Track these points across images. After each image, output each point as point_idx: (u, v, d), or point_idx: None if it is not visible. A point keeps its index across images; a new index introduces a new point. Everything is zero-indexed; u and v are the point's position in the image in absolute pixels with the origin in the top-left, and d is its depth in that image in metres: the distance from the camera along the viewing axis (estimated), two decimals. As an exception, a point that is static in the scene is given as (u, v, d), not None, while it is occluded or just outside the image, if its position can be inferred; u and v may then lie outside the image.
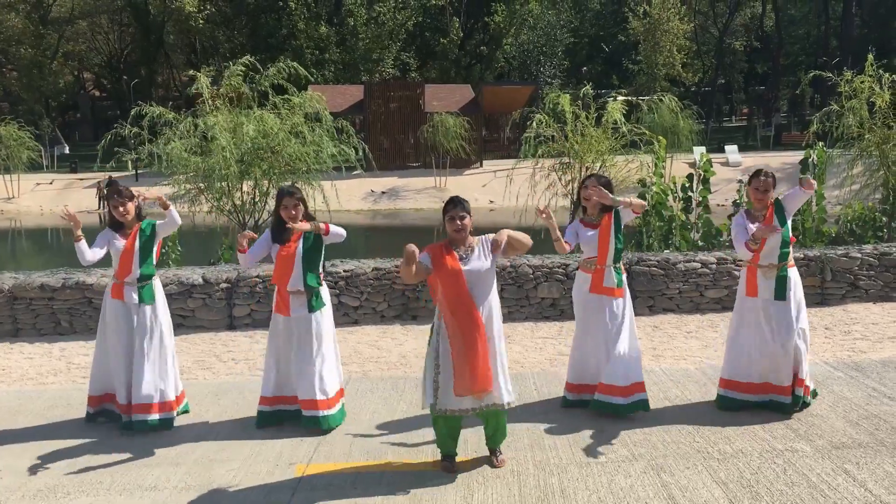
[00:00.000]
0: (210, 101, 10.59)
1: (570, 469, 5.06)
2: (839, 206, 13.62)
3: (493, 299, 5.04)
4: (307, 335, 5.83)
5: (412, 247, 4.67)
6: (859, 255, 9.68)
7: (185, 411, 6.32)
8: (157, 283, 6.16)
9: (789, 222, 5.93)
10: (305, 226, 5.74)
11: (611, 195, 5.82)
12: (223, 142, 9.80)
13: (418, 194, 38.36)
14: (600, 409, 5.91)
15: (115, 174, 35.64)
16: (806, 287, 9.50)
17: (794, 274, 6.01)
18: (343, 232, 6.00)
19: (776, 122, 56.17)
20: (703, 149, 39.20)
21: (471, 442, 5.52)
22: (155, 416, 5.92)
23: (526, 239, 5.01)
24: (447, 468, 5.09)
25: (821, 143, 12.66)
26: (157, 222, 6.08)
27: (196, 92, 10.77)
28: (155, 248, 6.13)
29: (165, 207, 5.95)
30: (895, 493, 4.56)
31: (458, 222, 4.94)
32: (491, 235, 5.03)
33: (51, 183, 40.29)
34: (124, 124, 10.52)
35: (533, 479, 4.94)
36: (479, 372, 4.82)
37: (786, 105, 69.05)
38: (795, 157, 33.65)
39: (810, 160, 12.59)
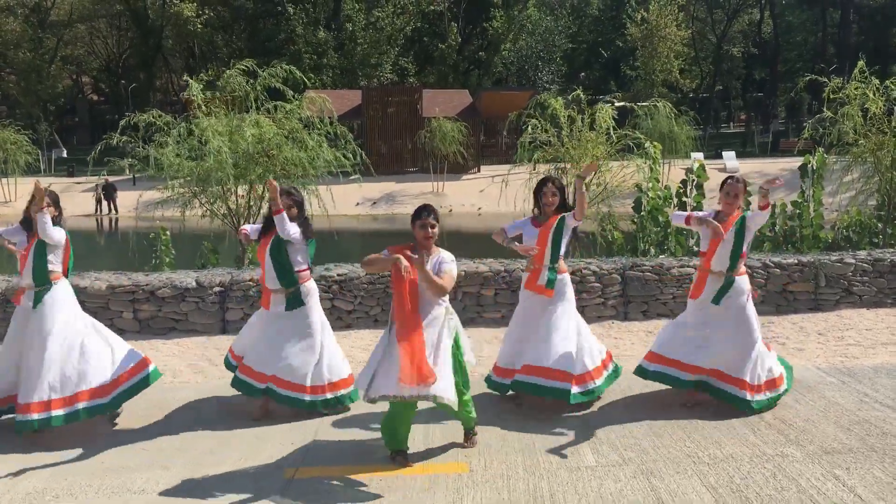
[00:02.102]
0: (205, 106, 10.57)
1: (560, 473, 5.06)
2: (836, 213, 13.62)
3: (436, 304, 5.17)
4: (287, 329, 6.16)
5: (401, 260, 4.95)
6: (853, 261, 9.69)
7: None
8: (57, 292, 6.04)
9: (748, 238, 6.15)
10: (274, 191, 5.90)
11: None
12: (217, 144, 9.77)
13: (416, 199, 38.30)
14: (521, 389, 6.26)
15: (112, 178, 35.64)
16: (800, 293, 9.57)
17: (740, 282, 6.19)
18: (290, 231, 6.02)
19: (774, 128, 56.24)
20: (700, 155, 39.33)
21: (460, 448, 5.53)
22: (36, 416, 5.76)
23: (439, 284, 5.05)
24: (401, 463, 5.24)
25: (821, 150, 12.66)
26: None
27: (188, 98, 10.74)
28: (53, 257, 6.03)
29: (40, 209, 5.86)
30: (884, 499, 4.56)
31: (430, 230, 5.16)
32: (446, 258, 5.22)
33: (48, 187, 40.26)
34: (114, 135, 10.49)
35: (522, 483, 4.93)
36: (421, 365, 4.92)
37: (784, 111, 69.17)
38: (793, 163, 33.75)
39: (809, 166, 12.59)
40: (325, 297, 8.97)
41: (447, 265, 5.16)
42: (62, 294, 6.11)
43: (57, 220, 6.09)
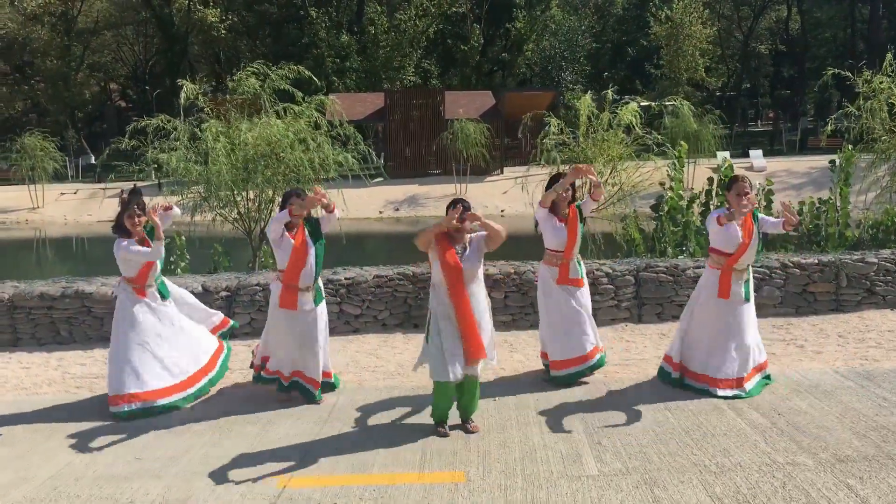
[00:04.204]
0: (210, 110, 10.52)
1: (560, 483, 4.88)
2: (867, 210, 13.24)
3: (481, 287, 5.87)
4: (315, 324, 6.46)
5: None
6: (875, 261, 9.38)
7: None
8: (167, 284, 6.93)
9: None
10: (324, 199, 6.19)
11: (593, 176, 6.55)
12: (219, 147, 9.72)
13: (438, 202, 38.14)
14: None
15: (139, 184, 35.86)
16: (820, 293, 9.30)
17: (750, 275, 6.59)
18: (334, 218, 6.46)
19: (802, 126, 55.32)
20: (727, 153, 38.77)
21: (460, 454, 5.38)
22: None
23: (501, 229, 5.70)
24: (443, 433, 5.75)
25: (849, 147, 12.34)
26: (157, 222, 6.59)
27: (191, 102, 10.69)
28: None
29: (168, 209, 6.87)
30: (898, 510, 4.34)
31: (462, 223, 5.61)
32: (480, 234, 5.80)
33: (75, 193, 40.63)
34: (122, 139, 10.55)
35: (521, 492, 4.76)
36: (476, 343, 5.61)
37: (813, 109, 68.08)
38: (821, 160, 33.17)
39: (837, 164, 12.25)
40: (333, 302, 8.86)
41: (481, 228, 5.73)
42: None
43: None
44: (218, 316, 7.32)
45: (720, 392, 6.34)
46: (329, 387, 6.76)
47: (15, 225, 36.70)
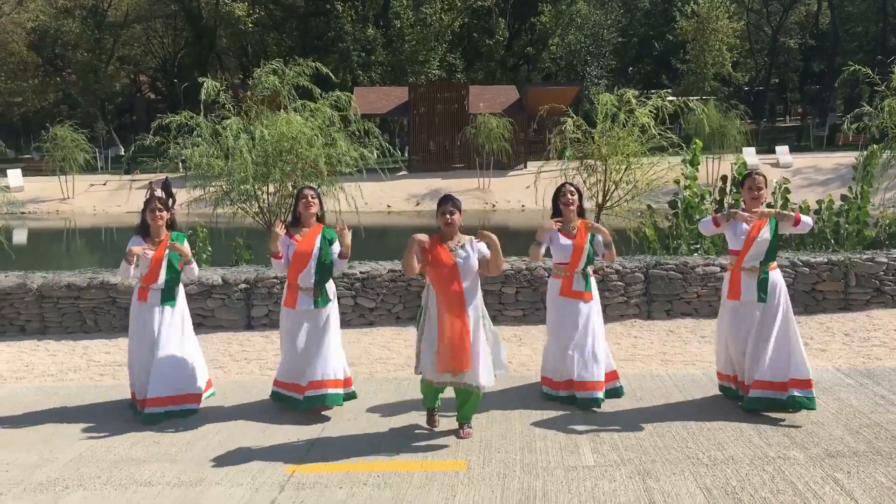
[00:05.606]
0: (232, 106, 10.79)
1: (557, 473, 5.07)
2: (889, 209, 13.19)
3: (477, 290, 5.66)
4: (315, 327, 6.24)
5: (419, 236, 5.52)
6: (885, 260, 9.45)
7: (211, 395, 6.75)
8: (179, 288, 6.59)
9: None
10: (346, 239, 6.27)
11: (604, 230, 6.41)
12: (240, 143, 9.99)
13: (461, 196, 37.95)
14: (586, 406, 6.27)
15: (169, 175, 36.23)
16: (829, 292, 9.39)
17: (776, 276, 6.12)
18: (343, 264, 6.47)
19: (831, 121, 54.69)
20: (752, 150, 38.55)
21: (463, 443, 5.59)
22: (177, 407, 6.35)
23: (500, 262, 5.63)
24: (430, 422, 5.90)
25: (874, 146, 12.34)
26: (181, 257, 6.51)
27: (212, 99, 10.96)
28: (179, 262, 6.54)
29: (188, 262, 6.53)
30: (881, 504, 4.49)
31: (448, 217, 5.59)
32: (477, 238, 5.64)
33: (104, 184, 41.19)
34: (147, 136, 10.84)
35: (517, 481, 4.96)
36: (459, 352, 5.42)
37: (843, 105, 67.29)
38: (848, 157, 32.89)
39: (860, 161, 12.24)
40: (348, 295, 9.11)
41: (485, 249, 5.61)
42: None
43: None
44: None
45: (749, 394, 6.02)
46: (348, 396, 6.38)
47: (46, 215, 37.35)
